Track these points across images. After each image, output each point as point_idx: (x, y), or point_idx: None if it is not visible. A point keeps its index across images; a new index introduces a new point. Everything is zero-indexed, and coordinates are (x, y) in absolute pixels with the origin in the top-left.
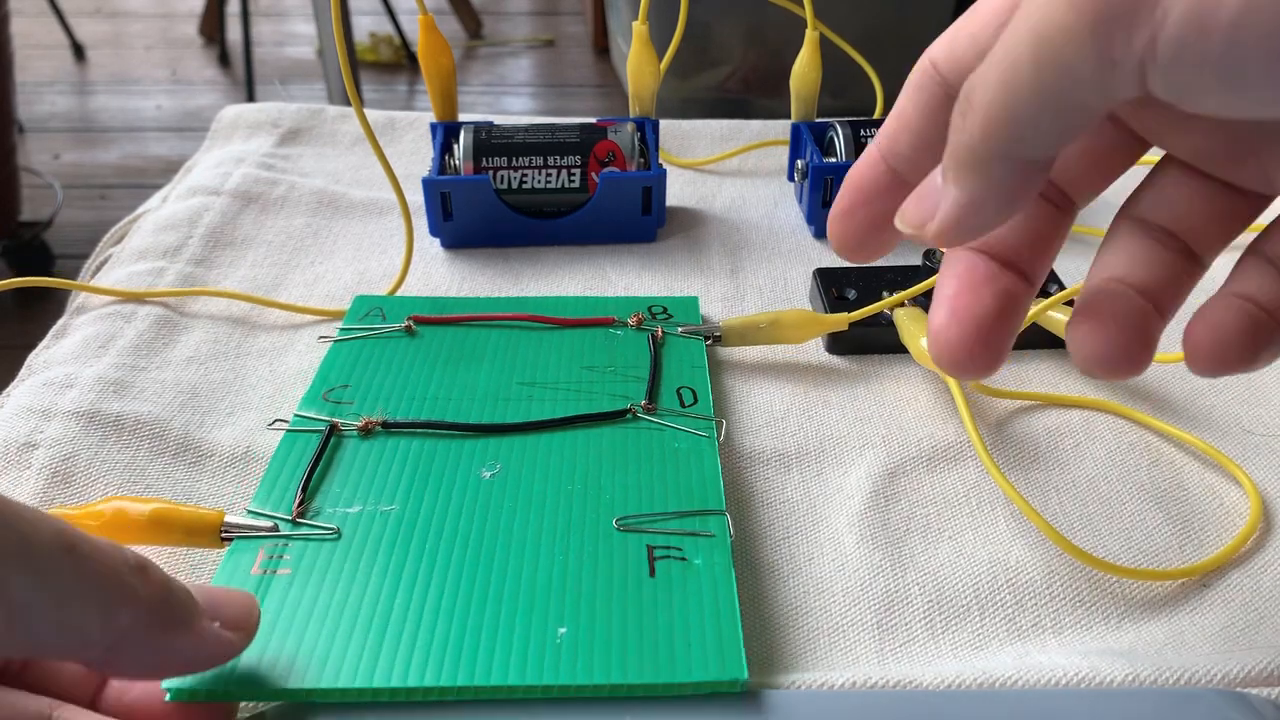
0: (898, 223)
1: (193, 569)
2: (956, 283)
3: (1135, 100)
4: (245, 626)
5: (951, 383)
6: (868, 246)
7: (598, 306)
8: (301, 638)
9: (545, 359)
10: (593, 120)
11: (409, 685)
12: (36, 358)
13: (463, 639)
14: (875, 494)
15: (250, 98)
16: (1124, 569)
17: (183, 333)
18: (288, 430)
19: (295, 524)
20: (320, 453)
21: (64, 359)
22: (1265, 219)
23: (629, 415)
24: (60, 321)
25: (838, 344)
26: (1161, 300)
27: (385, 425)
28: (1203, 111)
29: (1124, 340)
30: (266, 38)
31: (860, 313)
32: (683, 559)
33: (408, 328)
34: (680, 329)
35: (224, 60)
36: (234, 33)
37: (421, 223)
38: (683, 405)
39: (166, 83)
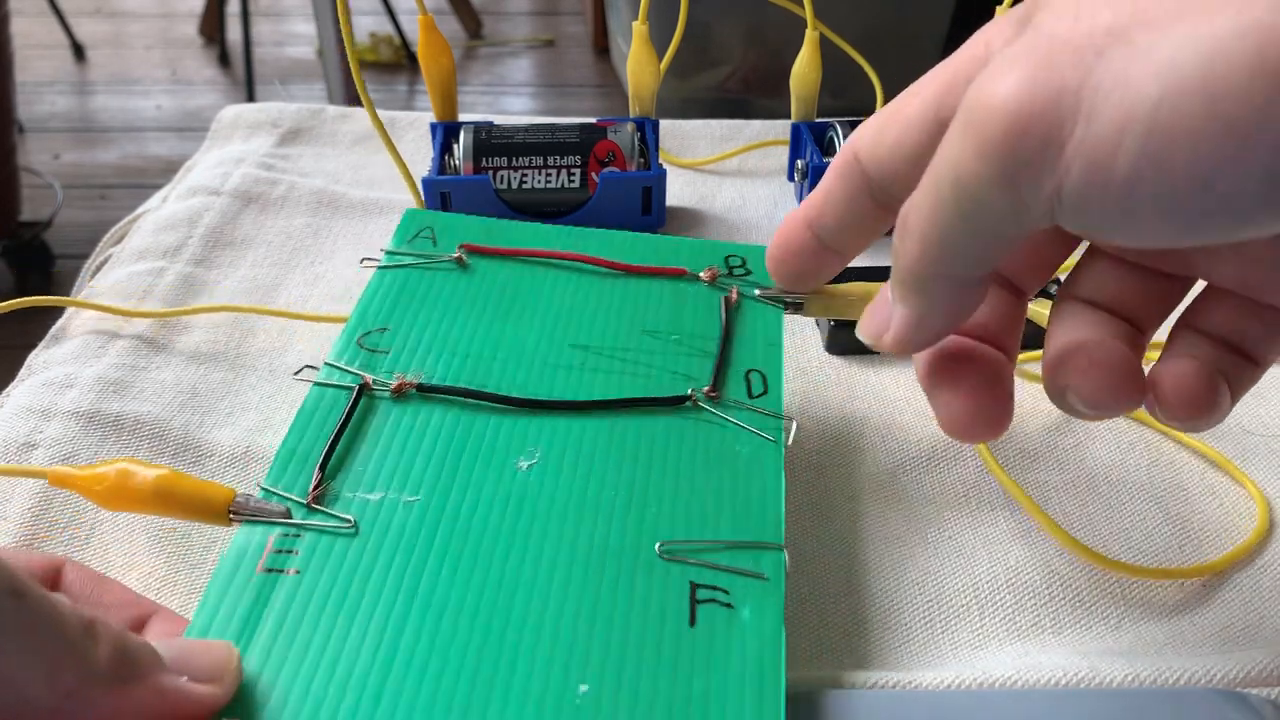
0: (858, 333)
1: (205, 549)
2: (942, 364)
3: None
4: (220, 678)
5: None
6: (798, 285)
7: (669, 251)
8: (299, 666)
9: (604, 316)
10: (593, 120)
11: None
12: (36, 358)
13: (473, 688)
14: (875, 494)
15: (250, 98)
16: (1133, 567)
17: (182, 333)
18: (315, 384)
19: (310, 510)
20: (346, 419)
21: (64, 359)
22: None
23: (689, 403)
24: (60, 321)
25: (837, 344)
26: None
27: (420, 388)
28: (1109, 243)
29: (1115, 378)
30: (266, 38)
31: None
32: (729, 605)
33: (459, 259)
34: (758, 291)
35: (224, 60)
36: (234, 32)
37: None
38: (750, 395)
39: (166, 83)
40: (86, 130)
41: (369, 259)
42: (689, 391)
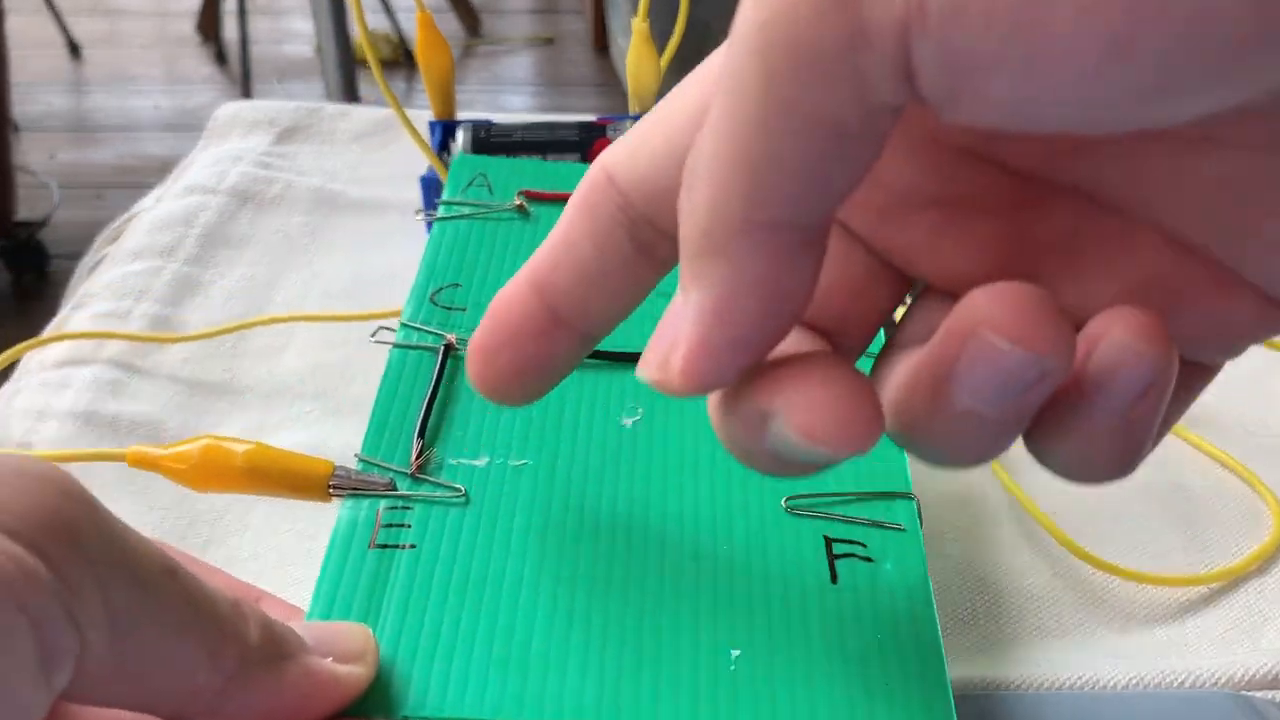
0: (639, 374)
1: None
2: (775, 361)
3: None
4: (362, 658)
5: None
6: (513, 393)
7: None
8: (435, 646)
9: None
10: (592, 118)
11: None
12: (32, 358)
13: (621, 660)
14: None
15: (247, 96)
16: (1142, 575)
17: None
18: (394, 346)
19: (415, 480)
20: (437, 382)
21: (61, 359)
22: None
23: None
24: (55, 321)
25: None
26: None
27: None
28: (994, 115)
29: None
30: (263, 35)
31: None
32: (868, 559)
33: (520, 206)
34: None
35: (221, 58)
36: (230, 30)
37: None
38: None
39: (163, 81)
40: (82, 129)
41: (426, 211)
42: None
